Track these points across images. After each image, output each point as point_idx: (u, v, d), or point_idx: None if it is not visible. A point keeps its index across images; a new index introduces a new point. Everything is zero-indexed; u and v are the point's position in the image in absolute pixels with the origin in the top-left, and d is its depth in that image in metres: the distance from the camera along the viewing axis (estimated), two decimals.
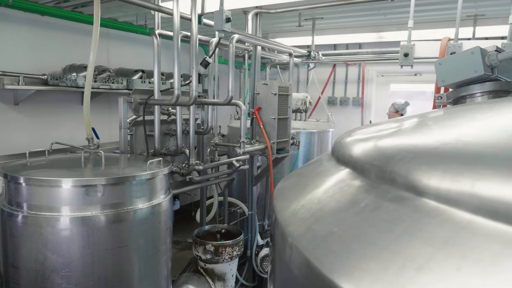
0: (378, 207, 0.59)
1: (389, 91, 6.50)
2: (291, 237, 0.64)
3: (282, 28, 5.49)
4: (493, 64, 1.34)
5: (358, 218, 0.60)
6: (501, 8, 4.16)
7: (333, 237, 0.58)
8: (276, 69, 6.44)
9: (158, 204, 2.40)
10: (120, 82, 4.50)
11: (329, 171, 0.85)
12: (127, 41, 5.20)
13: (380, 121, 1.13)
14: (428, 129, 0.79)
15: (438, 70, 1.50)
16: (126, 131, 3.04)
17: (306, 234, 0.62)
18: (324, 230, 0.61)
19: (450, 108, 1.20)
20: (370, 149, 0.76)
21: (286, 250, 0.66)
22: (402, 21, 4.79)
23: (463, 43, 2.72)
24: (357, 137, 0.89)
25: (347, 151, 0.82)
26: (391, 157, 0.65)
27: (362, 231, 0.56)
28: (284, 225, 0.70)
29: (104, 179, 2.14)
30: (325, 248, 0.56)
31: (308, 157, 5.18)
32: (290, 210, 0.75)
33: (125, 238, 2.22)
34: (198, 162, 3.44)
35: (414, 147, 0.69)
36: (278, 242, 0.73)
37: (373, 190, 0.64)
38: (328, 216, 0.65)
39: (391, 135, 0.85)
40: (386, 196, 0.60)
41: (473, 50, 1.38)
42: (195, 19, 2.92)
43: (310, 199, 0.75)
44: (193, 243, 3.40)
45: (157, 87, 3.03)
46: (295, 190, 0.86)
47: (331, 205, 0.68)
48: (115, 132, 4.66)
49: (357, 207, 0.62)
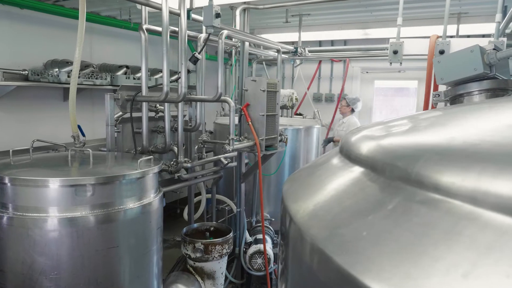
0: (408, 210, 0.58)
1: (373, 88, 6.57)
2: (315, 240, 0.62)
3: (268, 24, 5.46)
4: (492, 63, 1.36)
5: (388, 221, 0.58)
6: (484, 7, 4.24)
7: (363, 241, 0.56)
8: (261, 65, 6.41)
9: (149, 203, 2.35)
10: (104, 78, 4.39)
11: (343, 170, 0.84)
12: (110, 36, 5.07)
13: (386, 119, 1.12)
14: (444, 127, 0.78)
15: (437, 68, 1.50)
16: (113, 129, 2.96)
17: (331, 238, 0.61)
18: (351, 234, 0.60)
19: (459, 106, 1.21)
20: (389, 149, 0.75)
21: (307, 253, 0.65)
22: (388, 18, 4.83)
23: (451, 41, 2.76)
24: (371, 135, 0.87)
25: (362, 150, 0.80)
26: (416, 158, 0.63)
27: (395, 235, 0.54)
28: (304, 228, 0.68)
29: (93, 178, 2.08)
30: (357, 253, 0.54)
31: (294, 153, 5.18)
32: (307, 211, 0.73)
33: (115, 239, 2.16)
34: (186, 160, 3.40)
35: (439, 147, 0.68)
36: (296, 245, 0.71)
37: (399, 192, 0.62)
38: (353, 218, 0.63)
39: (407, 133, 0.84)
40: (415, 199, 0.59)
41: (473, 48, 1.39)
42: (184, 14, 2.86)
43: (328, 200, 0.74)
44: (182, 241, 3.35)
45: (145, 83, 2.97)
46: (308, 190, 0.84)
47: (354, 207, 0.66)
48: (98, 129, 4.55)
49: (384, 210, 0.61)
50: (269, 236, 4.34)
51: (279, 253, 0.99)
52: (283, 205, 0.88)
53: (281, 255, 0.94)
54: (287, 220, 0.80)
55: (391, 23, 4.91)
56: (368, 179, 0.72)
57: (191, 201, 4.04)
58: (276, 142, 4.00)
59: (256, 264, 3.95)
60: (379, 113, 6.58)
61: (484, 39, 3.29)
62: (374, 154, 0.75)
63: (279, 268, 0.98)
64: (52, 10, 4.18)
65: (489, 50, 1.37)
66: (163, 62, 2.76)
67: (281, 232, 0.95)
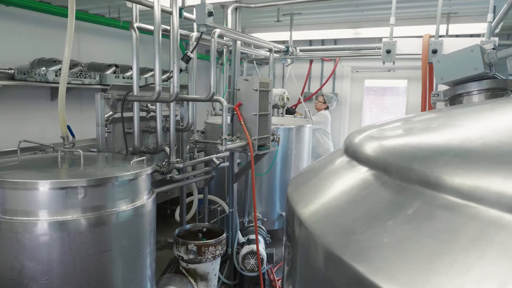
0: (430, 215, 0.56)
1: (363, 87, 6.60)
2: (330, 247, 0.60)
3: (259, 23, 5.43)
4: (492, 62, 1.36)
5: (409, 227, 0.56)
6: (473, 7, 4.29)
7: (385, 248, 0.54)
8: (252, 64, 6.38)
9: (142, 205, 2.31)
10: (92, 77, 4.31)
11: (351, 172, 0.81)
12: (99, 35, 4.98)
13: (391, 119, 1.10)
14: (456, 128, 0.77)
15: (437, 67, 1.50)
16: (104, 129, 2.90)
17: (349, 245, 0.58)
18: (370, 240, 0.58)
19: (464, 106, 1.20)
20: (403, 151, 0.73)
21: (321, 258, 0.62)
22: (378, 18, 4.85)
23: (443, 40, 2.77)
24: (380, 135, 0.85)
25: (372, 152, 0.78)
26: (435, 160, 0.61)
27: (420, 242, 0.52)
28: (317, 234, 0.65)
29: (85, 180, 2.02)
30: (379, 260, 0.52)
31: (286, 153, 5.17)
32: (318, 215, 0.71)
33: (108, 242, 2.11)
34: (179, 160, 3.35)
35: (455, 148, 0.66)
36: (307, 249, 0.69)
37: (417, 196, 0.60)
38: (370, 224, 0.61)
39: (419, 134, 0.82)
40: (435, 203, 0.57)
41: (473, 48, 1.39)
42: (176, 13, 2.82)
43: (339, 204, 0.71)
44: (175, 243, 3.31)
45: (136, 82, 2.91)
46: (316, 193, 0.82)
47: (369, 211, 0.64)
48: (87, 129, 4.47)
49: (404, 215, 0.59)
50: (262, 236, 4.32)
51: (285, 254, 0.97)
52: (290, 207, 0.85)
53: (287, 256, 0.92)
54: (296, 223, 0.78)
55: (382, 23, 4.93)
56: (381, 182, 0.70)
57: (183, 201, 3.99)
58: (269, 142, 3.98)
59: (249, 265, 3.92)
60: (369, 112, 6.62)
61: (473, 39, 3.32)
62: (387, 156, 0.73)
63: (284, 269, 0.95)
64: (39, 8, 4.08)
65: (489, 49, 1.37)
66: (155, 61, 2.71)
67: (287, 233, 0.93)
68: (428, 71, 2.92)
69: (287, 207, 0.90)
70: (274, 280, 4.37)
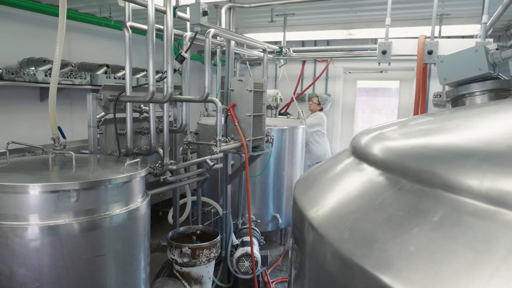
0: (459, 222, 0.53)
1: (356, 88, 6.61)
2: (351, 256, 0.57)
3: (252, 23, 5.40)
4: (496, 63, 1.34)
5: (437, 235, 0.53)
6: (465, 8, 4.32)
7: (414, 258, 0.51)
8: (245, 64, 6.35)
9: (136, 208, 2.25)
10: (83, 77, 4.23)
11: (363, 175, 0.78)
12: (89, 34, 4.89)
13: (398, 120, 1.08)
14: (472, 129, 0.74)
15: (440, 68, 1.48)
16: (96, 130, 2.84)
17: (373, 254, 0.55)
18: (395, 248, 0.54)
19: (474, 107, 1.18)
20: (422, 153, 0.70)
21: (338, 266, 0.59)
22: (371, 19, 4.86)
23: (439, 41, 2.77)
24: (392, 136, 0.82)
25: (387, 154, 0.75)
26: (460, 164, 0.59)
27: (453, 252, 0.49)
28: (336, 242, 0.62)
29: (78, 183, 1.96)
30: (409, 271, 0.49)
31: (280, 154, 5.14)
32: (332, 220, 0.68)
33: (101, 247, 2.05)
34: (172, 162, 3.30)
35: (480, 151, 0.63)
36: (322, 257, 0.65)
37: (441, 201, 0.57)
38: (393, 231, 0.58)
39: (434, 135, 0.79)
40: (463, 209, 0.54)
41: (477, 48, 1.37)
42: (170, 12, 2.77)
43: (354, 209, 0.68)
44: (168, 246, 3.25)
45: (129, 83, 2.85)
46: (327, 197, 0.78)
47: (391, 218, 0.61)
48: (77, 130, 4.39)
49: (429, 221, 0.56)
50: (256, 238, 4.29)
51: (292, 257, 0.94)
52: (298, 211, 0.82)
53: (294, 259, 0.89)
54: (306, 228, 0.74)
55: (375, 24, 4.94)
56: (399, 187, 0.67)
57: (176, 204, 3.93)
58: (263, 143, 3.95)
59: (244, 267, 3.88)
60: (362, 113, 6.63)
61: (468, 40, 3.34)
62: (404, 159, 0.70)
63: (292, 273, 0.92)
64: (28, 6, 3.98)
65: (492, 50, 1.35)
66: (148, 61, 2.66)
67: (294, 237, 0.90)
68: (423, 72, 2.92)
69: (295, 210, 0.87)
70: (268, 282, 4.33)
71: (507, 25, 4.57)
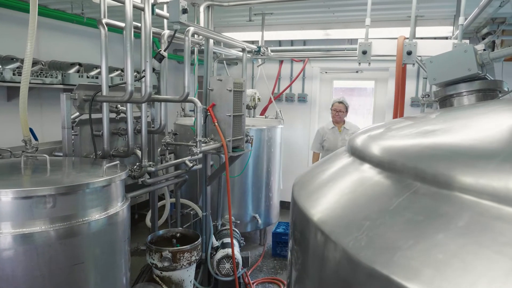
0: (487, 227, 0.51)
1: (332, 88, 6.67)
2: (372, 264, 0.54)
3: (230, 22, 5.35)
4: (485, 63, 1.36)
5: (466, 241, 0.51)
6: (439, 10, 4.43)
7: (444, 266, 0.49)
8: (222, 64, 6.28)
9: (116, 213, 2.16)
10: (54, 76, 4.05)
11: (371, 178, 0.76)
12: (60, 31, 4.69)
13: (391, 120, 1.06)
14: (475, 129, 0.73)
15: (429, 68, 1.49)
16: (70, 131, 2.71)
17: (397, 262, 0.52)
18: (423, 257, 0.52)
19: (469, 107, 1.18)
20: (436, 155, 0.68)
21: (356, 275, 0.56)
22: (349, 20, 4.91)
23: (418, 42, 2.82)
24: (395, 136, 0.80)
25: (395, 156, 0.73)
26: (480, 166, 0.57)
27: (486, 258, 0.47)
28: (352, 250, 0.59)
29: (54, 188, 1.85)
30: (440, 280, 0.46)
31: (258, 154, 5.12)
32: (344, 225, 0.65)
33: (80, 254, 1.95)
34: (151, 164, 3.20)
35: (504, 151, 0.62)
36: (340, 265, 0.62)
37: (465, 205, 0.56)
38: (417, 237, 0.55)
39: (443, 136, 0.77)
40: (490, 214, 0.52)
41: (466, 48, 1.39)
42: (148, 9, 2.68)
43: (368, 214, 0.65)
44: (148, 250, 3.16)
45: (106, 82, 2.74)
46: (334, 199, 0.75)
47: (410, 223, 0.59)
48: (48, 132, 4.19)
49: (454, 227, 0.54)
50: (236, 239, 4.24)
51: (292, 259, 0.90)
52: (301, 213, 0.78)
53: (295, 261, 0.86)
54: (313, 233, 0.71)
55: (352, 24, 5.00)
56: (413, 190, 0.65)
57: (154, 206, 3.83)
58: (243, 143, 3.91)
59: (225, 269, 3.83)
60: None
61: (445, 41, 3.43)
62: (416, 161, 0.68)
63: (292, 274, 0.89)
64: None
65: (480, 50, 1.38)
66: (126, 60, 2.57)
67: (295, 238, 0.87)
68: (402, 73, 2.96)
69: (295, 211, 0.83)
70: (249, 283, 4.30)
71: (477, 27, 4.72)
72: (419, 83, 5.80)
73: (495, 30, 4.28)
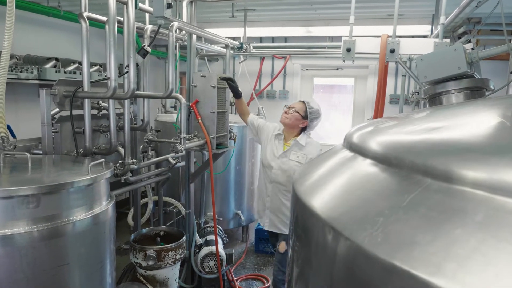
0: (505, 222, 0.52)
1: (313, 84, 6.73)
2: (391, 259, 0.54)
3: (211, 18, 5.30)
4: (474, 62, 1.40)
5: (486, 235, 0.52)
6: (418, 9, 4.53)
7: (468, 261, 0.49)
8: (203, 60, 6.22)
9: (101, 212, 2.11)
10: (30, 71, 3.90)
11: (378, 174, 0.77)
12: (35, 24, 4.52)
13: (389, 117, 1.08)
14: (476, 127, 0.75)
15: (420, 66, 1.52)
16: (50, 128, 2.62)
17: (418, 257, 0.53)
18: (443, 251, 0.52)
19: (463, 104, 1.21)
20: (446, 151, 0.69)
21: (371, 270, 0.56)
22: (330, 17, 4.95)
23: (400, 40, 2.88)
24: (400, 132, 0.81)
25: (402, 152, 0.74)
26: (492, 162, 0.58)
27: (508, 252, 0.48)
28: (369, 247, 0.59)
29: (37, 187, 1.79)
30: (465, 275, 0.47)
31: (241, 151, 5.11)
32: (356, 222, 0.65)
33: (65, 255, 1.90)
34: (134, 161, 3.14)
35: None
36: (354, 261, 0.63)
37: (476, 200, 0.57)
38: (435, 233, 0.56)
39: (449, 132, 0.79)
40: (505, 208, 0.53)
41: (456, 47, 1.42)
42: (132, 3, 2.62)
43: (381, 210, 0.66)
44: (131, 249, 3.11)
45: (87, 77, 2.66)
46: (342, 195, 0.76)
47: (426, 219, 0.59)
48: (24, 129, 4.03)
49: (471, 222, 0.55)
50: (220, 236, 4.22)
51: (293, 256, 0.90)
52: (306, 209, 0.78)
53: (297, 258, 0.86)
54: (321, 229, 0.71)
55: (333, 22, 5.04)
56: (425, 186, 0.65)
57: (137, 204, 3.77)
58: (226, 140, 3.90)
59: (209, 267, 3.81)
60: None
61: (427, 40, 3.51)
62: (426, 158, 0.69)
63: (294, 271, 0.89)
64: None
65: (468, 49, 1.42)
66: (110, 55, 2.50)
67: (298, 235, 0.87)
68: (384, 71, 3.02)
69: (299, 208, 0.83)
70: (233, 280, 4.29)
71: (454, 26, 4.86)
72: (397, 80, 5.92)
73: (471, 29, 4.41)
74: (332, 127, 6.78)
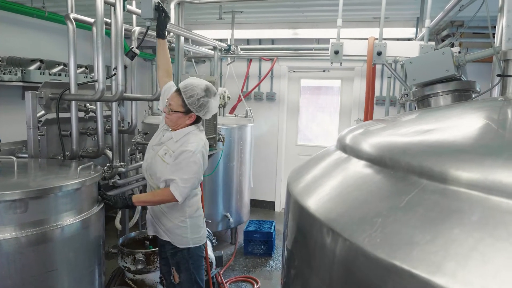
0: (501, 221, 0.53)
1: (300, 86, 6.76)
2: (391, 259, 0.55)
3: (199, 20, 5.28)
4: (461, 64, 1.44)
5: (483, 235, 0.53)
6: (403, 13, 4.61)
7: (467, 260, 0.51)
8: (190, 62, 6.20)
9: (90, 216, 2.09)
10: (13, 72, 3.82)
11: (374, 176, 0.78)
12: (19, 26, 4.43)
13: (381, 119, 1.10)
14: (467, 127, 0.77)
15: (409, 69, 1.55)
16: (36, 131, 2.58)
17: (418, 257, 0.54)
18: (442, 250, 0.54)
19: (458, 105, 1.24)
20: (442, 152, 0.70)
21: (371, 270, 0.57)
22: (317, 19, 4.99)
23: (387, 43, 2.92)
24: (393, 134, 0.82)
25: (397, 154, 0.75)
26: (487, 163, 0.60)
27: (505, 251, 0.50)
28: (368, 247, 0.60)
29: (24, 192, 1.76)
30: (465, 273, 0.48)
31: (229, 152, 5.10)
32: (355, 224, 0.66)
33: (54, 261, 1.87)
34: (122, 164, 3.11)
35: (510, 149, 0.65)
36: (354, 262, 0.63)
37: (472, 200, 0.58)
38: (434, 232, 0.57)
39: (441, 134, 0.81)
40: (500, 208, 0.55)
41: (444, 50, 1.46)
42: (120, 4, 2.60)
43: (380, 211, 0.67)
44: (119, 253, 3.07)
45: (74, 80, 2.63)
46: (339, 197, 0.76)
47: (424, 219, 0.61)
48: (6, 132, 3.95)
49: (468, 221, 0.56)
50: (209, 239, 4.20)
51: (289, 258, 0.91)
52: (301, 210, 0.79)
53: (293, 260, 0.86)
54: (319, 231, 0.72)
55: (320, 24, 5.09)
56: (421, 187, 0.67)
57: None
58: (215, 142, 3.90)
59: None
60: (306, 110, 6.80)
61: (412, 42, 3.56)
62: (422, 159, 0.71)
63: (290, 273, 0.90)
64: None
65: (456, 52, 1.45)
66: (98, 57, 2.48)
67: (294, 237, 0.87)
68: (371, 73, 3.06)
69: (295, 210, 0.84)
70: (222, 282, 4.27)
71: (437, 29, 4.95)
72: (383, 82, 6.00)
73: (454, 32, 4.50)
74: (319, 129, 6.83)
